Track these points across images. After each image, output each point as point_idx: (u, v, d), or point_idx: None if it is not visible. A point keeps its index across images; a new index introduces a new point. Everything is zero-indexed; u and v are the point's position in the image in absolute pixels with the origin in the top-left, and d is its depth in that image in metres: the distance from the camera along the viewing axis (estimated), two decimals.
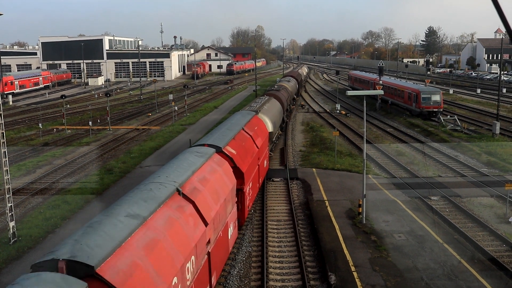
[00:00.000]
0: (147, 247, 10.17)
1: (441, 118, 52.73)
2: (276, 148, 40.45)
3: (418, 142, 43.20)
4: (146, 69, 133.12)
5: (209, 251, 14.34)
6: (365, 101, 24.86)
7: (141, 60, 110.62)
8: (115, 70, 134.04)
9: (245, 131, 25.05)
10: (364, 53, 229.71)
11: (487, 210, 25.41)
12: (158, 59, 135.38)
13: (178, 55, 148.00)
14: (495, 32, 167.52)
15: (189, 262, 11.91)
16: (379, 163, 35.65)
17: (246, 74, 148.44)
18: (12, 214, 21.74)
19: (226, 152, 20.21)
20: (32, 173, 33.96)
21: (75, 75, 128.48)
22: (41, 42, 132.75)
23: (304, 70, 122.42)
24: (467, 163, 35.25)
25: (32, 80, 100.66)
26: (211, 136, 21.90)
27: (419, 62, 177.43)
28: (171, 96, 68.97)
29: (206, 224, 13.80)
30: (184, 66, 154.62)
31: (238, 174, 20.17)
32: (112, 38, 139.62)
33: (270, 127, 33.33)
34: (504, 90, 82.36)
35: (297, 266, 19.09)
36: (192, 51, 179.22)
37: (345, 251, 19.53)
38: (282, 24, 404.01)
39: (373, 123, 54.31)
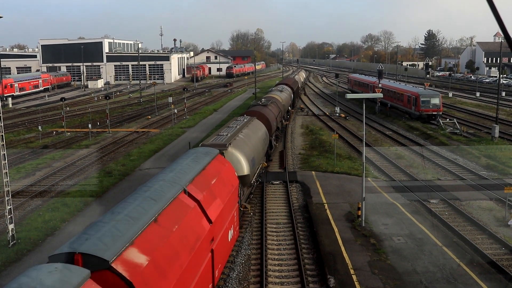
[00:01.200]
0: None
1: (441, 121, 52.79)
2: (276, 151, 40.46)
3: (418, 145, 43.21)
4: (145, 72, 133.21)
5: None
6: (364, 104, 24.89)
7: (141, 63, 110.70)
8: (115, 72, 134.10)
9: (187, 194, 14.21)
10: (363, 56, 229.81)
11: (486, 213, 25.41)
12: (158, 62, 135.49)
13: (178, 58, 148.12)
14: (494, 35, 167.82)
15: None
16: (379, 166, 35.66)
17: (246, 77, 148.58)
18: (11, 217, 21.73)
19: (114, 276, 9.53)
20: (31, 176, 33.95)
21: (74, 78, 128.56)
22: (41, 45, 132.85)
23: (301, 76, 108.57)
24: (466, 166, 35.26)
25: (32, 83, 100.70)
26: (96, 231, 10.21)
27: (418, 65, 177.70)
28: (170, 99, 69.01)
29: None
30: (184, 69, 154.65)
31: None
32: (111, 41, 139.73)
33: (245, 168, 22.60)
34: (503, 94, 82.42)
35: (296, 269, 19.09)
36: (191, 54, 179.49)
37: (344, 254, 19.54)
38: (281, 27, 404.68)
39: (373, 126, 54.33)
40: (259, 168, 28.19)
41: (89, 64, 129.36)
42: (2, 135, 21.86)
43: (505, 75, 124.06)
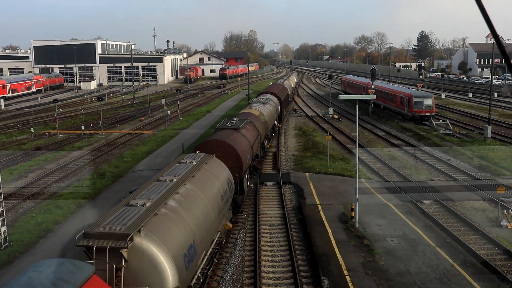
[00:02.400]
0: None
1: (433, 122, 52.97)
2: (269, 153, 40.46)
3: (410, 146, 43.33)
4: (139, 73, 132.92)
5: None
6: (357, 106, 24.94)
7: (134, 64, 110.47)
8: (108, 74, 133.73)
9: None
10: (356, 57, 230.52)
11: (479, 214, 25.51)
12: (151, 63, 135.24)
13: (171, 59, 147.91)
14: (486, 37, 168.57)
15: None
16: (372, 167, 35.72)
17: (239, 79, 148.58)
18: (3, 219, 21.61)
19: None
20: (24, 178, 33.78)
21: (67, 79, 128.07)
22: (34, 46, 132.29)
23: (292, 81, 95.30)
24: (459, 167, 35.39)
25: (24, 84, 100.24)
26: None
27: (411, 66, 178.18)
28: (163, 101, 68.92)
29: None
30: (177, 70, 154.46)
31: None
32: (104, 42, 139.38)
33: (169, 280, 11.64)
34: (496, 95, 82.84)
35: (290, 270, 19.08)
36: (185, 55, 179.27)
37: (338, 255, 19.55)
38: (275, 28, 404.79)
39: (366, 127, 54.44)
40: (212, 247, 17.08)
41: (82, 65, 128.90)
42: None
43: (497, 76, 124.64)
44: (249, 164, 26.62)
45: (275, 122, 46.85)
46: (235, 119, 30.70)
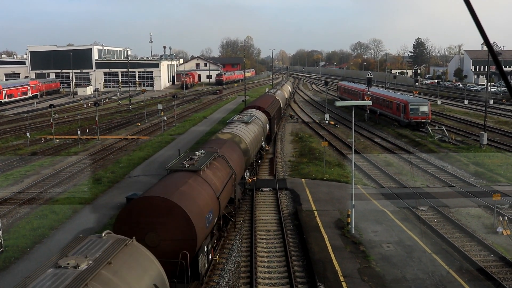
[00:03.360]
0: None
1: (429, 129, 53.12)
2: (265, 158, 40.47)
3: (406, 153, 43.42)
4: (135, 79, 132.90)
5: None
6: (353, 112, 25.00)
7: (130, 70, 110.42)
8: (104, 79, 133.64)
9: None
10: (352, 64, 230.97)
11: (475, 220, 25.56)
12: (148, 69, 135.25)
13: (168, 65, 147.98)
14: (482, 44, 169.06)
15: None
16: (368, 173, 35.78)
17: (236, 85, 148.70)
18: None
19: None
20: (19, 183, 33.68)
21: (63, 85, 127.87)
22: (30, 51, 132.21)
23: (285, 91, 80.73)
24: (455, 174, 35.48)
25: (20, 90, 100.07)
26: None
27: (407, 73, 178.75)
28: (160, 106, 68.85)
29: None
30: (174, 76, 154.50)
31: None
32: (101, 47, 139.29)
33: None
34: (491, 102, 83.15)
35: (286, 276, 19.07)
36: (181, 61, 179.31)
37: (334, 261, 19.55)
38: (271, 34, 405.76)
39: (362, 133, 54.52)
40: None
41: (78, 71, 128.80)
42: None
43: (492, 83, 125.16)
44: (212, 226, 18.26)
45: (262, 143, 37.76)
46: (199, 152, 21.46)
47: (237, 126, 32.03)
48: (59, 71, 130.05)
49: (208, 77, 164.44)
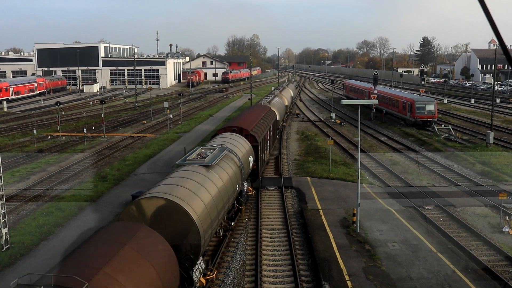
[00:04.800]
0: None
1: (436, 128, 52.95)
2: (271, 157, 40.45)
3: (413, 152, 43.31)
4: (141, 77, 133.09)
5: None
6: (359, 110, 24.93)
7: (137, 67, 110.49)
8: (110, 77, 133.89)
9: None
10: (359, 62, 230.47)
11: (481, 220, 25.46)
12: (154, 67, 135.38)
13: (174, 63, 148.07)
14: (489, 42, 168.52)
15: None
16: (374, 172, 35.69)
17: (242, 83, 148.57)
18: (5, 221, 21.63)
19: None
20: (26, 180, 33.82)
21: (70, 82, 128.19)
22: (37, 49, 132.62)
23: (286, 97, 63.22)
24: (461, 173, 35.34)
25: (27, 87, 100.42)
26: None
27: (413, 71, 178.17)
28: (166, 104, 68.93)
29: None
30: (180, 74, 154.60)
31: None
32: (107, 45, 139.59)
33: None
34: (498, 100, 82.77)
35: (291, 275, 19.06)
36: (187, 59, 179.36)
37: (339, 260, 19.52)
38: (277, 33, 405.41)
39: (368, 132, 54.42)
40: None
41: (85, 68, 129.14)
42: None
43: (499, 82, 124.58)
44: None
45: (243, 188, 25.25)
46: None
47: (188, 177, 17.89)
48: (65, 68, 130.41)
49: (214, 75, 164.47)
